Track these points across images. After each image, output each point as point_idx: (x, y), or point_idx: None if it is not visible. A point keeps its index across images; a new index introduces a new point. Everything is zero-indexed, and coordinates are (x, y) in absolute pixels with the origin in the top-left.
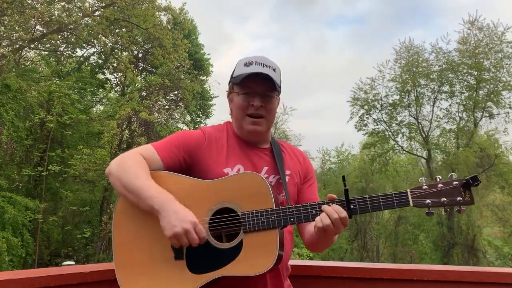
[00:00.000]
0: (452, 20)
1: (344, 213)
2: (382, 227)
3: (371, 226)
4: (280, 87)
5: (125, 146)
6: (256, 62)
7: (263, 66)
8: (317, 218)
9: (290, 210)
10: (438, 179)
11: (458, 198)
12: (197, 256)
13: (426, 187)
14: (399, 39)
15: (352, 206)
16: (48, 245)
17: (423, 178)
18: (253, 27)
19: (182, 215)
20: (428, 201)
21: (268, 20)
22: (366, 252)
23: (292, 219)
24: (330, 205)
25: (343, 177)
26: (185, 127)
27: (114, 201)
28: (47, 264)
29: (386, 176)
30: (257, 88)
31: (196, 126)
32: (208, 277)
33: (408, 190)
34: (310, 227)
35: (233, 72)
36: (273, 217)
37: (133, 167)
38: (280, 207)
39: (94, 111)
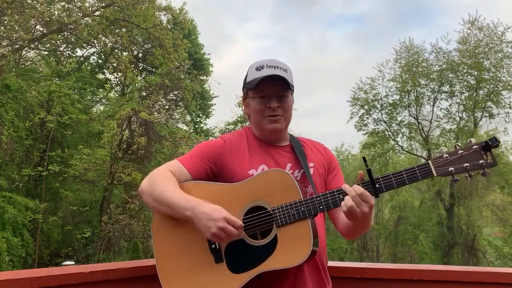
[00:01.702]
0: (453, 19)
1: (360, 189)
2: (382, 227)
3: (371, 226)
4: (293, 86)
5: (125, 146)
6: (267, 65)
7: (275, 68)
8: (342, 203)
9: (318, 198)
10: (457, 146)
11: (481, 161)
12: (236, 256)
13: (447, 155)
14: (399, 39)
15: (377, 185)
16: (48, 245)
17: (443, 148)
18: (254, 26)
19: (213, 215)
20: (451, 168)
21: (269, 20)
22: (366, 252)
23: (321, 207)
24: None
25: (364, 158)
26: (185, 127)
27: (114, 201)
28: (47, 264)
29: None
30: (271, 90)
31: (196, 126)
32: (250, 274)
33: (429, 161)
34: (342, 215)
35: (246, 77)
36: (302, 208)
37: (162, 182)
38: (308, 197)
39: (94, 111)
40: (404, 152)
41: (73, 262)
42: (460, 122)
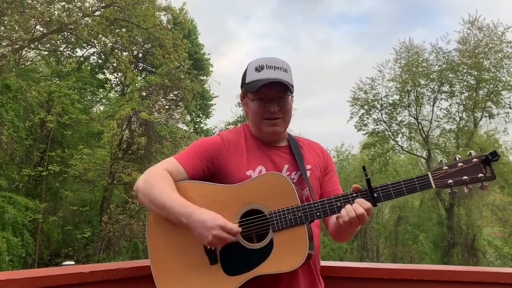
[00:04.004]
0: (457, 19)
1: (367, 204)
2: (382, 227)
3: (371, 226)
4: (292, 86)
5: (125, 146)
6: (267, 65)
7: (275, 69)
8: (343, 212)
9: (316, 205)
10: (457, 158)
11: (480, 175)
12: (231, 258)
13: (447, 167)
14: (399, 38)
15: (375, 195)
16: (48, 245)
17: (443, 159)
18: (256, 26)
19: (209, 223)
20: (450, 181)
21: (271, 19)
22: (366, 252)
23: (318, 214)
24: (353, 200)
25: (364, 167)
26: (185, 127)
27: (114, 201)
28: (47, 264)
29: (386, 176)
30: (271, 93)
31: (196, 126)
32: (244, 277)
33: (428, 172)
34: (333, 219)
35: (245, 76)
36: (299, 214)
37: (159, 183)
38: (306, 203)
39: (94, 111)
40: (404, 152)
41: (73, 262)
42: (460, 122)
